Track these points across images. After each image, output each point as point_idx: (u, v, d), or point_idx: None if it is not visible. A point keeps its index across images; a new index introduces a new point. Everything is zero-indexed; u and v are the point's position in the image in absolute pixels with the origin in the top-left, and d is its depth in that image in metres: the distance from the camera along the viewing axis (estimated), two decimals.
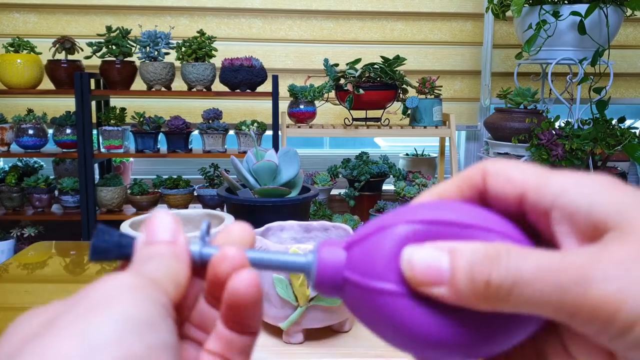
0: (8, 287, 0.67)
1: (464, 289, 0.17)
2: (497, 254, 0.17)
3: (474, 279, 0.17)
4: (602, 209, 0.17)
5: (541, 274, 0.16)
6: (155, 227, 0.20)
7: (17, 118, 1.74)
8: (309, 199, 0.55)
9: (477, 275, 0.17)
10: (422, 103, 1.70)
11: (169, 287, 0.19)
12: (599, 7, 1.47)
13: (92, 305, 0.16)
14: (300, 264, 0.20)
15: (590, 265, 0.16)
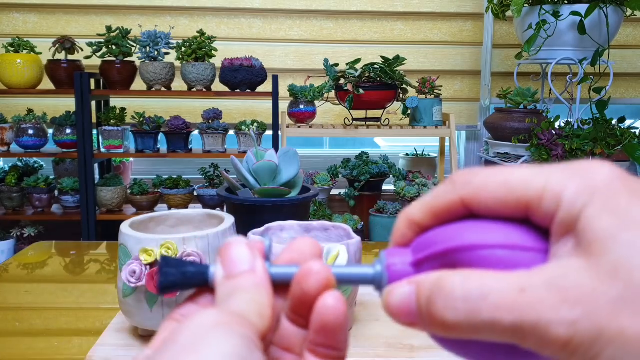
0: (8, 287, 0.67)
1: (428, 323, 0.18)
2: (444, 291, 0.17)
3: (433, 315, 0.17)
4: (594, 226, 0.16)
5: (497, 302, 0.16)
6: (233, 257, 0.20)
7: (17, 118, 1.74)
8: (309, 199, 0.55)
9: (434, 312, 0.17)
10: (422, 103, 1.69)
11: (255, 320, 0.19)
12: (599, 7, 1.47)
13: (185, 349, 0.17)
14: (370, 275, 0.20)
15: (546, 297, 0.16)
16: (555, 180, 0.17)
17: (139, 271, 0.43)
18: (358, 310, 0.54)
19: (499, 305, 0.16)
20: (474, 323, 0.16)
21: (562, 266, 0.16)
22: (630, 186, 0.17)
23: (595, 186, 0.17)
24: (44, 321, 0.56)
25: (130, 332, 0.48)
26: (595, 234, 0.16)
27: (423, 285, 0.18)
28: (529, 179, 0.18)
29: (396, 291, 0.19)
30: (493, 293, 0.16)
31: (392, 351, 0.46)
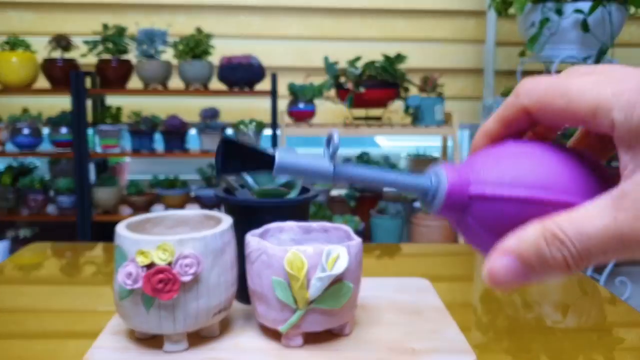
0: (3, 289, 0.66)
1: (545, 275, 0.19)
2: (557, 239, 0.18)
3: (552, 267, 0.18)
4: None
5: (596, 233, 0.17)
6: None
7: (12, 117, 1.73)
8: (309, 199, 0.54)
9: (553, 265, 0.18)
10: (424, 102, 1.68)
11: None
12: (602, 5, 1.46)
13: None
14: (425, 185, 0.21)
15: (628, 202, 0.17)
16: (605, 95, 0.18)
17: (136, 273, 0.42)
18: (359, 313, 0.53)
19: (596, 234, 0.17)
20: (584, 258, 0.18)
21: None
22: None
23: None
24: (40, 323, 0.55)
25: (126, 335, 0.48)
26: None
27: (524, 252, 0.19)
28: (584, 92, 0.19)
29: (497, 265, 0.19)
30: (585, 223, 0.18)
31: (393, 355, 0.45)
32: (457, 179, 0.20)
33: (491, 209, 0.20)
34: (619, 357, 0.50)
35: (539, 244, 0.18)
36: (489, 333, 0.56)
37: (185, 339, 0.46)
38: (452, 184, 0.20)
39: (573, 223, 0.18)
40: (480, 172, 0.20)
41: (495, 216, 0.20)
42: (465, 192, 0.20)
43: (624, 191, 0.17)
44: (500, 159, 0.20)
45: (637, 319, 0.58)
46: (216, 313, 0.45)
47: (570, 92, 0.19)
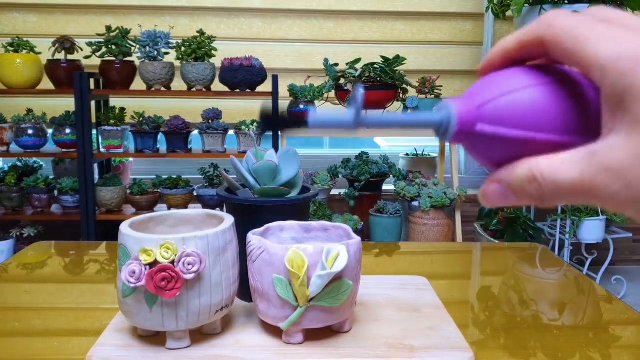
0: (7, 287, 0.66)
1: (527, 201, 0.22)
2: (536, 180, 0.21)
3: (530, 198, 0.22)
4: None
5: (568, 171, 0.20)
6: None
7: (16, 118, 1.74)
8: (309, 199, 0.55)
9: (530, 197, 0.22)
10: (422, 103, 1.69)
11: None
12: None
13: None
14: (436, 120, 0.23)
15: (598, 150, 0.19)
16: (605, 54, 0.19)
17: (139, 271, 0.43)
18: (358, 310, 0.53)
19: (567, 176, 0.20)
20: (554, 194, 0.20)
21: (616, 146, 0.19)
22: None
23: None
24: (44, 321, 0.56)
25: (129, 333, 0.48)
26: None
27: (510, 184, 0.22)
28: (590, 44, 0.20)
29: (490, 188, 0.23)
30: (559, 171, 0.20)
31: (392, 351, 0.46)
32: (465, 115, 0.23)
33: (492, 143, 0.23)
34: (615, 355, 0.51)
35: (522, 180, 0.22)
36: (486, 330, 0.56)
37: (188, 336, 0.46)
38: (460, 119, 0.23)
39: (550, 169, 0.21)
40: (485, 108, 0.23)
41: (495, 148, 0.23)
42: (471, 126, 0.23)
43: (596, 150, 0.20)
44: (503, 95, 0.22)
45: (633, 316, 0.59)
46: (218, 310, 0.46)
47: (579, 38, 0.20)
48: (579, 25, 0.20)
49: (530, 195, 0.21)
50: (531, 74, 0.22)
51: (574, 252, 1.96)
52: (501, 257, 0.81)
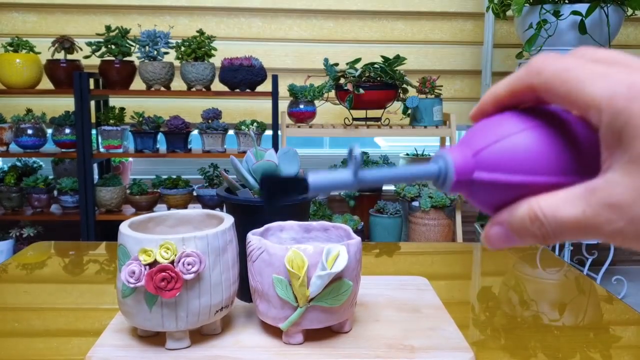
0: (7, 287, 0.66)
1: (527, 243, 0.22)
2: (537, 218, 0.21)
3: (532, 239, 0.22)
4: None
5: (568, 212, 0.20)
6: None
7: (16, 118, 1.74)
8: (309, 199, 0.55)
9: (532, 239, 0.22)
10: (422, 103, 1.69)
11: None
12: (599, 7, 1.47)
13: None
14: (434, 172, 0.24)
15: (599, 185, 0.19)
16: (600, 95, 0.19)
17: (138, 271, 0.43)
18: (358, 310, 0.53)
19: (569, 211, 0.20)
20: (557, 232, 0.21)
21: (615, 183, 0.19)
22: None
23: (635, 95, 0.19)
24: (43, 322, 0.56)
25: (129, 333, 0.48)
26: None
27: (512, 225, 0.22)
28: (584, 86, 0.20)
29: (492, 231, 0.23)
30: (560, 209, 0.20)
31: (392, 352, 0.46)
32: (462, 164, 0.23)
33: (490, 189, 0.23)
34: (615, 355, 0.51)
35: (524, 220, 0.22)
36: (486, 331, 0.56)
37: (187, 337, 0.46)
38: (457, 170, 0.23)
39: (551, 207, 0.21)
40: (481, 155, 0.23)
41: (493, 194, 0.23)
42: (469, 175, 0.23)
43: (595, 187, 0.20)
44: (497, 141, 0.23)
45: (633, 317, 0.59)
46: (218, 311, 0.46)
47: (571, 81, 0.20)
48: (569, 68, 0.21)
49: (533, 235, 0.22)
50: (523, 118, 0.23)
51: (575, 252, 1.96)
52: (501, 257, 0.81)
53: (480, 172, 0.23)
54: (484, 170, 0.23)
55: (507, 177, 0.22)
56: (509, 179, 0.22)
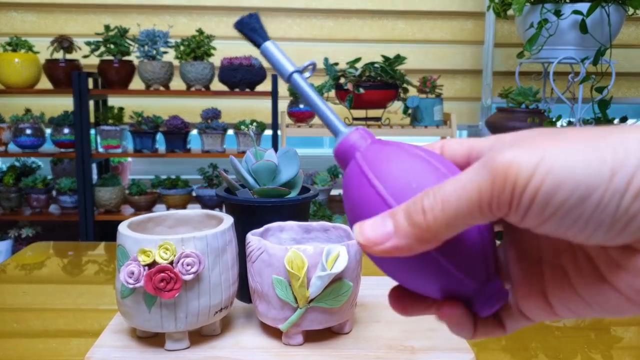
0: (6, 288, 0.66)
1: (409, 229, 0.19)
2: (424, 192, 0.20)
3: (412, 215, 0.19)
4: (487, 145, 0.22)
5: (457, 181, 0.19)
6: None
7: (14, 117, 1.73)
8: (309, 199, 0.55)
9: (413, 214, 0.19)
10: (422, 102, 1.69)
11: None
12: (600, 6, 1.46)
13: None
14: (337, 129, 0.25)
15: (488, 153, 0.18)
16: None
17: (137, 272, 0.42)
18: (358, 311, 0.53)
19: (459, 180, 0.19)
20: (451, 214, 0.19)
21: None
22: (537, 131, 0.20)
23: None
24: (42, 322, 0.56)
25: (128, 333, 0.48)
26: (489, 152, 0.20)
27: (397, 210, 0.20)
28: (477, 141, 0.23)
29: (366, 224, 0.21)
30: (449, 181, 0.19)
31: (392, 352, 0.45)
32: (353, 139, 0.24)
33: (359, 179, 0.23)
34: (616, 356, 0.51)
35: (408, 201, 0.20)
36: None
37: (187, 338, 0.46)
38: (347, 139, 0.24)
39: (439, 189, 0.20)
40: (373, 145, 0.24)
41: (360, 186, 0.23)
42: (352, 151, 0.24)
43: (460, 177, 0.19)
44: (392, 145, 0.23)
45: (634, 318, 0.59)
46: (217, 311, 0.46)
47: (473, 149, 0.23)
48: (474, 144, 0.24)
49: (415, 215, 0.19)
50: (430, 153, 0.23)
51: None
52: None
53: (360, 156, 0.23)
54: (362, 156, 0.23)
55: (372, 177, 0.22)
56: (376, 184, 0.22)
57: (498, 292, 0.22)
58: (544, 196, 0.17)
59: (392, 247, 0.20)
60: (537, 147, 0.17)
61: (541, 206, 0.17)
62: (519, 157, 0.17)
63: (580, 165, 0.16)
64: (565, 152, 0.17)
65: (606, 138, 0.17)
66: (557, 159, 0.16)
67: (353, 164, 0.24)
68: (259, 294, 0.46)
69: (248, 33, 0.27)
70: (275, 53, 0.26)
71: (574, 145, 0.17)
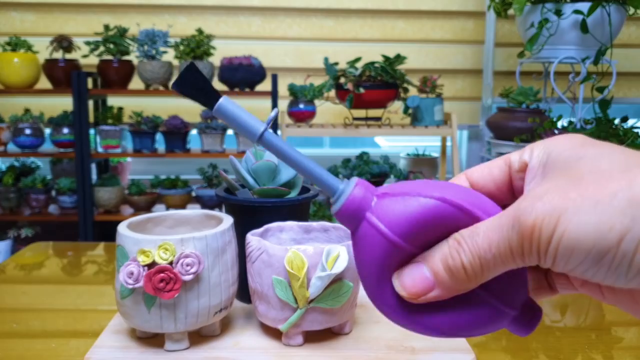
0: (5, 288, 0.66)
1: (450, 282, 0.21)
2: (458, 243, 0.21)
3: (452, 270, 0.21)
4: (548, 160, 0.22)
5: (489, 237, 0.20)
6: None
7: (14, 117, 1.73)
8: (309, 199, 0.54)
9: (452, 267, 0.21)
10: (423, 102, 1.69)
11: None
12: (601, 6, 1.46)
13: None
14: (334, 186, 0.23)
15: (517, 208, 0.20)
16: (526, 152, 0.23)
17: (137, 272, 0.42)
18: (358, 311, 0.53)
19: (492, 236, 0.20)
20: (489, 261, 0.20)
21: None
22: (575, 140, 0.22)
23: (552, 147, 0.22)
24: (42, 322, 0.56)
25: (128, 334, 0.48)
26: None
27: (430, 260, 0.21)
28: (511, 156, 0.24)
29: (405, 274, 0.22)
30: (482, 232, 0.21)
31: (392, 353, 0.45)
32: (359, 197, 0.22)
33: (373, 238, 0.22)
34: (617, 356, 0.50)
35: (442, 248, 0.21)
36: None
37: (186, 338, 0.46)
38: (352, 198, 0.22)
39: (472, 232, 0.21)
40: (382, 201, 0.22)
41: (374, 245, 0.22)
42: (361, 211, 0.22)
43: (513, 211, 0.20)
44: (403, 195, 0.22)
45: (635, 318, 0.58)
46: (217, 312, 0.46)
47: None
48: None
49: (452, 262, 0.21)
50: (447, 189, 0.22)
51: None
52: None
53: (371, 215, 0.22)
54: (375, 215, 0.21)
55: (387, 231, 0.21)
56: (388, 235, 0.21)
57: (535, 315, 0.23)
58: (563, 257, 0.19)
59: (435, 297, 0.22)
60: (556, 207, 0.19)
61: (563, 263, 0.19)
62: (540, 222, 0.19)
63: (591, 231, 0.18)
64: (578, 214, 0.19)
65: (617, 194, 0.18)
66: (571, 222, 0.19)
67: (366, 226, 0.22)
68: (259, 295, 0.46)
69: (194, 94, 0.23)
70: (236, 111, 0.22)
71: (587, 200, 0.19)
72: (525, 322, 0.23)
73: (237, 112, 0.22)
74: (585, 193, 0.19)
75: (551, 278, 0.25)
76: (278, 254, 0.44)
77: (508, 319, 0.22)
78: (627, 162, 0.19)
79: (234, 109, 0.22)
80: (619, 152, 0.20)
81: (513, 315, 0.22)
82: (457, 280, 0.21)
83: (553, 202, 0.19)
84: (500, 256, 0.20)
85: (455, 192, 0.22)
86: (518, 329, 0.23)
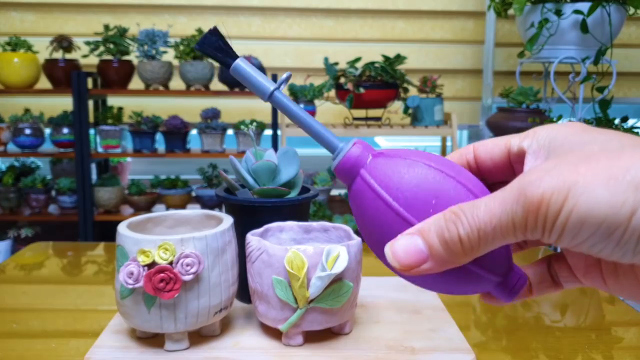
0: (5, 288, 0.66)
1: (445, 255, 0.20)
2: (456, 215, 0.20)
3: (448, 243, 0.20)
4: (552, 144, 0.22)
5: (491, 210, 0.20)
6: None
7: (14, 117, 1.73)
8: (309, 199, 0.54)
9: (449, 239, 0.20)
10: (423, 102, 1.69)
11: None
12: (601, 6, 1.46)
13: None
14: (334, 144, 0.24)
15: (523, 181, 0.19)
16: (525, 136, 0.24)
17: (137, 272, 0.42)
18: (358, 312, 0.53)
19: (494, 209, 0.20)
20: (488, 234, 0.20)
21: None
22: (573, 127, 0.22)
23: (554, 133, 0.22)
24: (42, 323, 0.56)
25: (128, 334, 0.48)
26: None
27: (425, 230, 0.21)
28: (511, 139, 0.24)
29: (398, 244, 0.21)
30: (484, 204, 0.20)
31: (392, 353, 0.45)
32: (356, 155, 0.23)
33: (367, 195, 0.22)
34: (617, 356, 0.50)
35: (439, 220, 0.21)
36: (488, 332, 0.56)
37: (186, 338, 0.46)
38: (349, 155, 0.23)
39: (471, 206, 0.20)
40: (377, 159, 0.23)
41: (370, 207, 0.22)
42: (355, 167, 0.23)
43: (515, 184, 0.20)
44: (399, 157, 0.22)
45: (635, 318, 0.58)
46: (217, 312, 0.46)
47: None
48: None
49: (451, 242, 0.20)
50: (444, 162, 0.22)
51: None
52: None
53: (367, 173, 0.22)
54: (368, 172, 0.22)
55: (380, 190, 0.21)
56: (381, 194, 0.21)
57: (519, 281, 0.23)
58: (570, 232, 0.19)
59: (427, 270, 0.21)
60: (566, 180, 0.19)
61: (569, 237, 0.19)
62: (549, 195, 0.19)
63: (604, 206, 0.18)
64: (589, 188, 0.18)
65: (630, 170, 0.18)
66: (582, 196, 0.18)
67: (360, 182, 0.23)
68: (259, 295, 0.46)
69: (214, 53, 0.25)
70: (250, 71, 0.24)
71: (599, 176, 0.18)
72: (509, 288, 0.23)
73: (251, 73, 0.25)
74: (597, 168, 0.19)
75: (554, 271, 0.25)
76: (278, 254, 0.44)
77: (492, 284, 0.23)
78: (635, 142, 0.19)
79: (248, 69, 0.25)
80: (627, 136, 0.20)
81: (497, 281, 0.23)
82: (452, 254, 0.20)
83: (562, 176, 0.19)
84: (501, 230, 0.20)
85: (451, 166, 0.22)
86: (502, 294, 0.23)
